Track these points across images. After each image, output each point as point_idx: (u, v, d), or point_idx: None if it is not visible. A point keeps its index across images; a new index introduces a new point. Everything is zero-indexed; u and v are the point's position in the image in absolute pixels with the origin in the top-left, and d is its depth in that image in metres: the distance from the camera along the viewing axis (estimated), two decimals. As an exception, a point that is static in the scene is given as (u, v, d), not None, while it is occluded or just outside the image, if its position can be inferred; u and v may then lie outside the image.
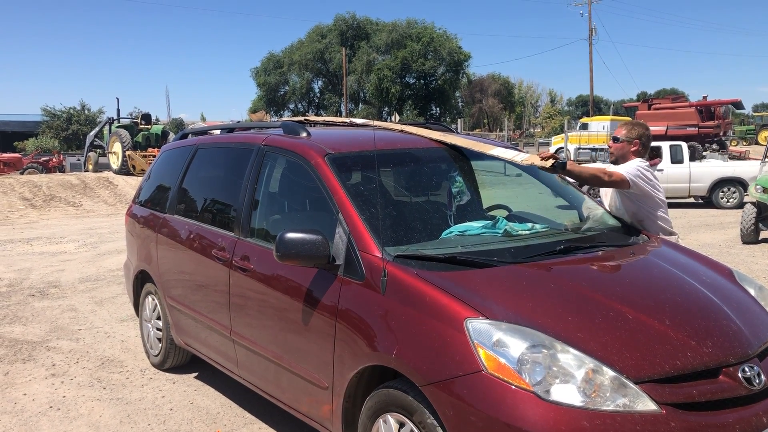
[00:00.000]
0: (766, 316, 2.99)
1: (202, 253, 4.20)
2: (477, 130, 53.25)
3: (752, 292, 3.20)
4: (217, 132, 5.05)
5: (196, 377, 4.89)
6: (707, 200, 16.14)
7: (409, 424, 2.69)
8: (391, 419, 2.78)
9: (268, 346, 3.57)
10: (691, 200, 16.53)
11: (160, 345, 4.98)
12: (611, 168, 4.08)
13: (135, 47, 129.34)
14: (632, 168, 3.99)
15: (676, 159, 16.00)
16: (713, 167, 16.28)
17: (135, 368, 5.11)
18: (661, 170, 15.51)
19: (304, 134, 3.80)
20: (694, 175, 15.93)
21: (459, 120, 43.71)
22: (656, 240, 3.65)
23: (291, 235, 3.05)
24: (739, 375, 2.51)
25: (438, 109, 57.67)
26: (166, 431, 3.98)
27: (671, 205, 17.07)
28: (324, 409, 3.19)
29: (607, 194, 4.19)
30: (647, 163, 4.16)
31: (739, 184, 15.73)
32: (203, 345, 4.39)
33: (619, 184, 3.89)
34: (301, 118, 4.68)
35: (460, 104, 62.61)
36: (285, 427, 3.96)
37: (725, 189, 15.94)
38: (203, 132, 5.31)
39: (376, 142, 3.63)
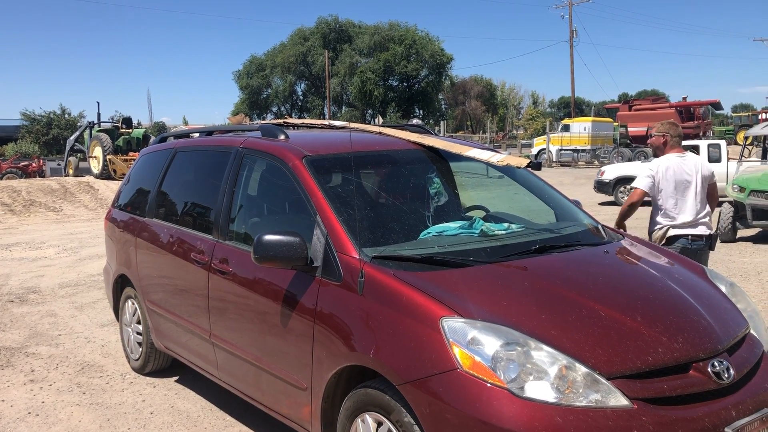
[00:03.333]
0: (736, 313, 3.05)
1: (181, 257, 4.20)
2: (460, 133, 53.42)
3: (723, 289, 3.26)
4: (196, 135, 5.05)
5: (177, 381, 4.88)
6: None
7: (387, 423, 2.71)
8: (369, 419, 2.81)
9: (248, 349, 3.57)
10: None
11: (141, 349, 4.97)
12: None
13: (116, 50, 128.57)
14: (643, 170, 4.95)
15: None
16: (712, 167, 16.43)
17: (115, 373, 5.08)
18: None
19: (282, 137, 3.81)
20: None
21: (442, 122, 43.84)
22: (631, 239, 3.71)
23: (269, 237, 3.07)
24: (709, 370, 2.56)
25: (421, 111, 57.82)
26: (146, 435, 3.98)
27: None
28: (303, 411, 3.20)
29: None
30: (678, 154, 4.91)
31: None
32: (183, 348, 4.39)
33: (633, 198, 4.90)
34: (280, 121, 4.69)
35: (443, 106, 62.78)
36: (265, 429, 3.96)
37: None
38: (182, 135, 5.30)
39: (354, 145, 3.66)
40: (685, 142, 5.46)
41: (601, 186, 17.06)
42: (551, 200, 4.05)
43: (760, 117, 42.83)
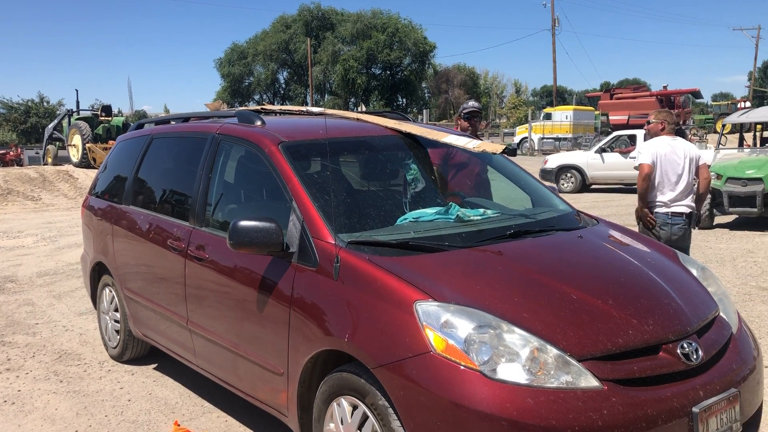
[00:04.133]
0: (706, 296, 3.09)
1: (158, 244, 4.18)
2: (443, 121, 53.44)
3: (695, 272, 3.31)
4: (173, 122, 5.01)
5: (155, 368, 4.87)
6: None
7: (362, 407, 2.73)
8: (345, 402, 2.82)
9: (225, 335, 3.58)
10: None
11: (118, 337, 4.95)
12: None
13: (96, 38, 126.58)
14: (641, 149, 5.44)
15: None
16: None
17: (93, 361, 5.06)
18: (634, 158, 16.19)
19: (259, 123, 3.80)
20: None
21: (425, 111, 43.83)
22: (605, 224, 3.75)
23: (244, 223, 3.06)
24: (678, 351, 2.60)
25: (404, 99, 57.74)
26: (124, 422, 3.97)
27: (622, 191, 17.92)
28: (280, 395, 3.21)
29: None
30: (670, 138, 5.37)
31: None
32: (161, 336, 4.38)
33: (644, 172, 5.24)
34: (258, 107, 4.67)
35: (426, 95, 62.74)
36: (243, 415, 3.98)
37: None
38: (161, 122, 5.26)
39: (331, 131, 3.66)
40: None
41: (544, 174, 17.63)
42: (527, 186, 4.08)
43: (739, 105, 43.28)
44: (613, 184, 17.85)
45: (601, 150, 17.67)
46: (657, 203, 5.30)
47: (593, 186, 17.93)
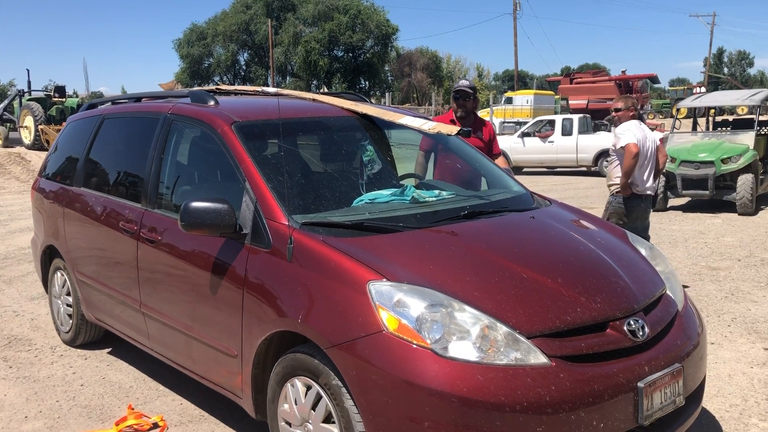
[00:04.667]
0: (654, 274, 3.17)
1: (110, 226, 4.10)
2: (407, 105, 53.38)
3: (644, 252, 3.39)
4: (125, 102, 4.90)
5: (109, 353, 4.80)
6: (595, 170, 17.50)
7: (316, 387, 2.74)
8: (299, 383, 2.83)
9: (179, 318, 3.54)
10: (584, 169, 17.95)
11: (71, 321, 4.85)
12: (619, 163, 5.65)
13: (49, 17, 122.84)
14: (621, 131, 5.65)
15: (566, 131, 17.60)
16: (598, 140, 17.44)
17: (44, 346, 4.96)
18: (552, 142, 17.63)
19: (212, 102, 3.74)
20: (581, 147, 17.48)
21: (388, 94, 43.69)
22: (558, 205, 3.80)
23: (195, 204, 3.02)
24: (625, 328, 2.66)
25: (367, 82, 57.41)
26: (76, 407, 3.90)
27: (562, 173, 18.27)
28: (234, 378, 3.20)
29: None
30: (639, 123, 5.73)
31: None
32: (114, 319, 4.31)
33: (631, 153, 5.46)
34: (212, 87, 4.60)
35: (389, 78, 62.49)
36: (198, 397, 3.95)
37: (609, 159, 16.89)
38: (113, 101, 5.13)
39: (286, 111, 3.64)
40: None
41: None
42: (482, 168, 4.11)
43: (695, 90, 44.24)
44: (536, 167, 18.53)
45: (523, 135, 18.41)
46: (635, 183, 5.62)
47: (525, 169, 18.47)
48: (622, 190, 5.65)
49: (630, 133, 5.59)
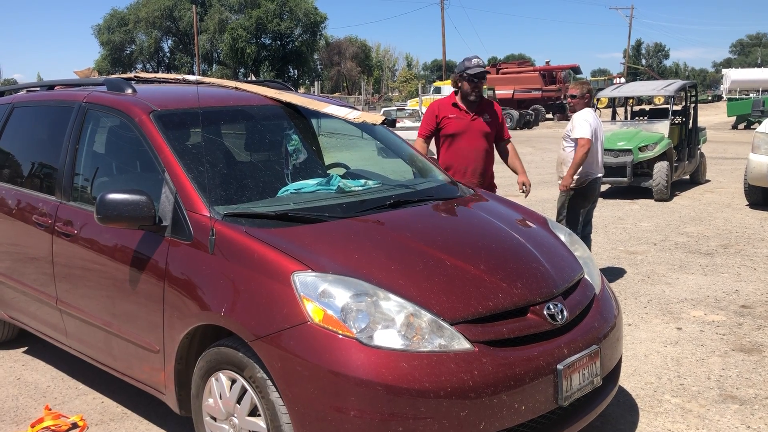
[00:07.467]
0: (573, 259, 3.27)
1: (22, 220, 3.91)
2: (336, 94, 53.18)
3: (563, 238, 3.49)
4: (38, 90, 4.67)
5: (24, 352, 4.59)
6: None
7: (241, 380, 2.70)
8: (223, 377, 2.78)
9: (97, 314, 3.42)
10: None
11: (-18, 321, 4.61)
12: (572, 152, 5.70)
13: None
14: (580, 121, 5.67)
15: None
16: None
17: (-47, 347, 4.70)
18: None
19: (129, 91, 3.61)
20: None
21: (317, 82, 43.36)
22: (481, 193, 3.87)
23: (112, 196, 2.92)
24: (545, 312, 2.74)
25: (296, 71, 56.83)
26: (-12, 410, 3.73)
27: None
28: (157, 373, 3.12)
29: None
30: (591, 110, 5.82)
31: None
32: (30, 317, 4.12)
33: (585, 147, 5.52)
34: (131, 75, 4.44)
35: (318, 67, 62.05)
36: (120, 395, 3.83)
37: None
38: (28, 90, 4.89)
39: (207, 100, 3.56)
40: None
41: None
42: (408, 157, 4.13)
43: (615, 81, 45.80)
44: None
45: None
46: (591, 172, 5.78)
47: None
48: (575, 184, 5.71)
49: (587, 124, 5.60)
